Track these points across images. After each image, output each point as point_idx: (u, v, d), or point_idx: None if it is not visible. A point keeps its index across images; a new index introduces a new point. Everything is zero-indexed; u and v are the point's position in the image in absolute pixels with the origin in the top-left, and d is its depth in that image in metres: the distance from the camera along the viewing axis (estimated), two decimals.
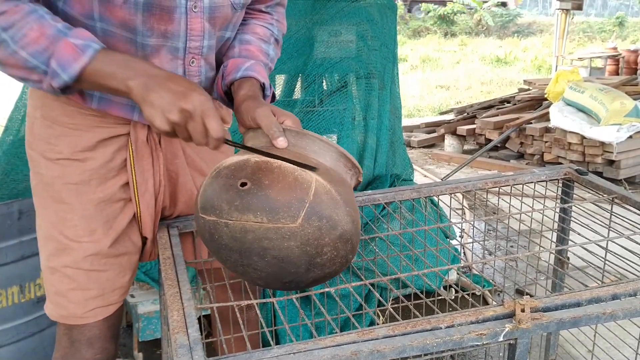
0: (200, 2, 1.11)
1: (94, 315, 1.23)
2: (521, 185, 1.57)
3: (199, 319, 0.93)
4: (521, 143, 5.36)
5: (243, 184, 0.94)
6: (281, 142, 1.02)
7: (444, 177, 4.47)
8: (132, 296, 2.32)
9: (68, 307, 1.22)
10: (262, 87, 1.21)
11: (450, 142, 5.94)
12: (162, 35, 1.11)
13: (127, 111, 1.17)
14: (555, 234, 1.55)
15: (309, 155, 1.02)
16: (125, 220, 1.24)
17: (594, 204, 1.44)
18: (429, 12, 18.68)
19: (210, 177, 1.00)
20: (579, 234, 1.43)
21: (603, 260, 1.34)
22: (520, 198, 1.53)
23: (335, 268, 1.00)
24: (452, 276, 2.74)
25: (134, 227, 1.27)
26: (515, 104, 6.20)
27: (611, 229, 1.38)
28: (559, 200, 1.59)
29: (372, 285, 1.95)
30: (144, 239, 1.30)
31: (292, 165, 0.96)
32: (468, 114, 6.37)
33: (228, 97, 1.24)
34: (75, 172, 1.19)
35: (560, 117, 4.90)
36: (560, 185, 1.57)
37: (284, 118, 1.08)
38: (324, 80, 2.77)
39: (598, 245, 1.27)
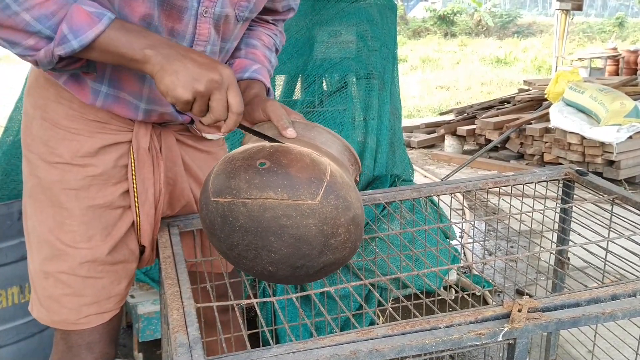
0: (211, 9, 1.11)
1: (88, 322, 1.22)
2: (521, 186, 1.57)
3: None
4: (521, 143, 5.36)
5: (262, 164, 0.96)
6: (290, 132, 1.05)
7: (444, 178, 4.47)
8: (132, 296, 2.32)
9: (61, 312, 1.20)
10: (267, 92, 1.24)
11: (450, 143, 5.94)
12: (169, 32, 1.10)
13: (132, 110, 1.16)
14: (555, 235, 1.55)
15: (318, 145, 1.05)
16: (124, 228, 1.23)
17: (594, 204, 1.44)
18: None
19: (222, 164, 1.01)
20: (579, 234, 1.43)
21: (603, 260, 1.33)
22: (520, 198, 1.53)
23: (345, 254, 1.01)
24: (452, 276, 2.74)
25: (132, 235, 1.26)
26: (515, 105, 6.21)
27: (611, 229, 1.38)
28: (559, 201, 1.59)
29: (372, 285, 1.95)
30: (142, 247, 1.29)
31: (307, 149, 1.00)
32: (468, 114, 6.37)
33: None
34: (76, 178, 1.18)
35: (560, 118, 4.90)
36: (561, 185, 1.57)
37: (293, 115, 1.11)
38: (324, 81, 2.77)
39: (598, 245, 1.27)
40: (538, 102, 5.99)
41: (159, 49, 0.98)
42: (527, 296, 0.96)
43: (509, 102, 6.50)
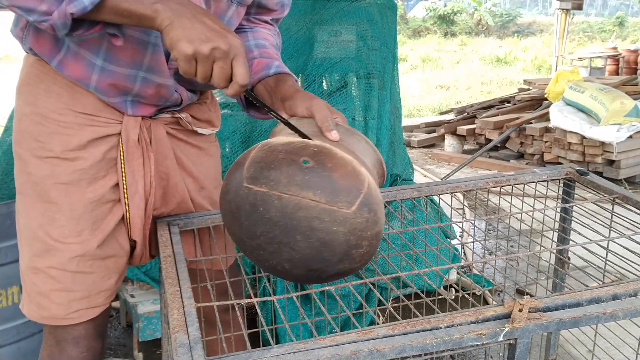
0: None
1: (78, 317, 1.22)
2: (522, 185, 1.57)
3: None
4: (521, 143, 5.36)
5: (306, 162, 0.95)
6: (334, 135, 1.03)
7: (444, 177, 4.47)
8: (132, 296, 2.32)
9: (50, 308, 1.21)
10: None
11: (450, 142, 5.94)
12: None
13: (129, 81, 1.15)
14: (556, 234, 1.54)
15: (356, 154, 1.05)
16: (113, 222, 1.23)
17: (594, 203, 1.44)
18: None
19: (262, 151, 1.00)
20: (579, 233, 1.42)
21: (604, 260, 1.33)
22: (521, 198, 1.52)
23: (359, 265, 1.01)
24: (453, 276, 2.74)
25: (122, 230, 1.26)
26: (515, 104, 6.20)
27: (612, 229, 1.38)
28: (559, 200, 1.59)
29: (373, 284, 1.95)
30: (133, 242, 1.28)
31: (349, 156, 1.00)
32: (468, 113, 6.37)
33: (245, 101, 1.24)
34: (66, 172, 1.18)
35: (560, 117, 4.90)
36: (561, 185, 1.57)
37: (336, 115, 1.10)
38: (324, 80, 2.77)
39: (599, 245, 1.27)
40: (538, 102, 5.99)
41: (169, 4, 0.98)
42: (528, 296, 0.96)
43: (509, 102, 6.49)
